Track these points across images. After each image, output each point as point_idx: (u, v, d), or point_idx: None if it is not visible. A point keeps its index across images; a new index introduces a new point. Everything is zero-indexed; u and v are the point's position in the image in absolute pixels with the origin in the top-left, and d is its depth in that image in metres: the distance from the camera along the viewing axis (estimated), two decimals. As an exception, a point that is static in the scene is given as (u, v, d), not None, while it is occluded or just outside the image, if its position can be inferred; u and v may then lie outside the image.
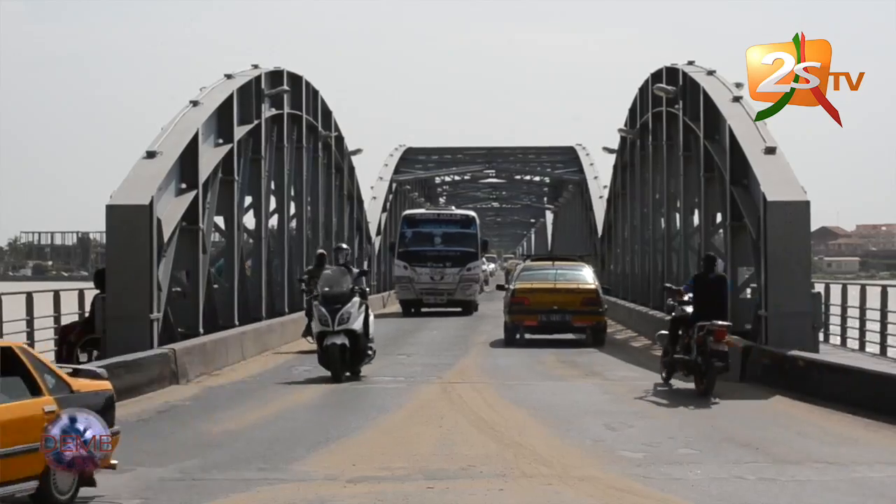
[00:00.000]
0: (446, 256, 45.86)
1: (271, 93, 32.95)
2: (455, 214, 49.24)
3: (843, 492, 12.94)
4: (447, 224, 47.63)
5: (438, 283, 45.74)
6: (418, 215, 49.60)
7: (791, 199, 23.00)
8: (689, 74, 31.77)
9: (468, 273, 46.12)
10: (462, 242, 46.79)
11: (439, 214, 49.70)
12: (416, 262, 45.80)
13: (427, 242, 46.83)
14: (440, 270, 45.67)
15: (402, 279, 46.51)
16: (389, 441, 15.79)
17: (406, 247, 46.79)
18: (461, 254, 46.23)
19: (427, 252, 46.21)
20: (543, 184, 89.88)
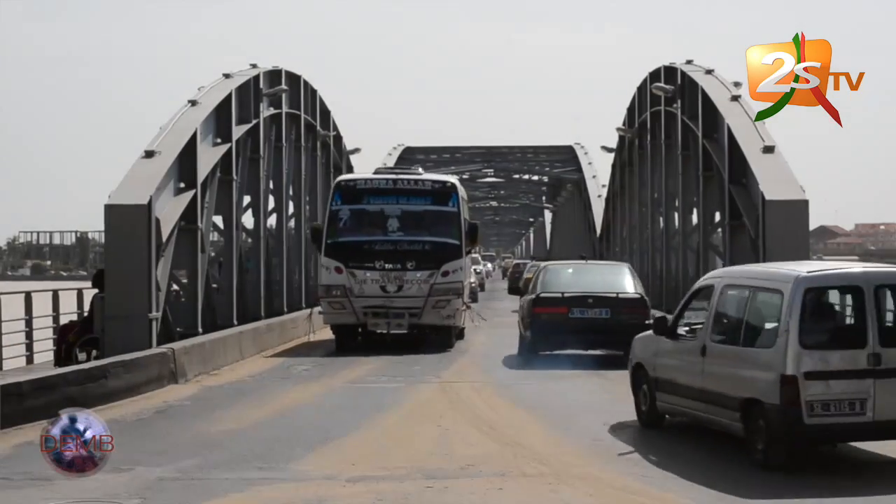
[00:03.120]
0: (408, 252, 27.37)
1: (270, 92, 32.95)
2: (423, 181, 28.65)
3: (843, 491, 12.94)
4: (410, 197, 28.19)
5: (394, 297, 27.20)
6: (361, 182, 28.70)
7: (790, 197, 23.02)
8: (688, 73, 31.79)
9: (445, 280, 27.20)
10: (434, 227, 27.79)
11: (396, 181, 28.39)
12: (357, 262, 27.40)
13: (375, 228, 27.94)
14: (398, 275, 27.18)
15: (333, 290, 27.42)
16: (388, 441, 15.78)
17: (338, 235, 27.73)
18: (433, 247, 27.45)
19: (375, 245, 27.59)
20: (542, 183, 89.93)
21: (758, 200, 23.55)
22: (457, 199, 28.18)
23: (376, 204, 28.11)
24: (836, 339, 13.97)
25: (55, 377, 18.05)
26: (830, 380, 13.63)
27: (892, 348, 13.74)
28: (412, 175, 28.87)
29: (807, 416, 13.52)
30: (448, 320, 27.63)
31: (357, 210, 28.18)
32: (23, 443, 15.21)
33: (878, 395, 13.79)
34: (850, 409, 13.73)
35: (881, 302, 14.12)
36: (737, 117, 26.64)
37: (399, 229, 27.83)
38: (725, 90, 28.59)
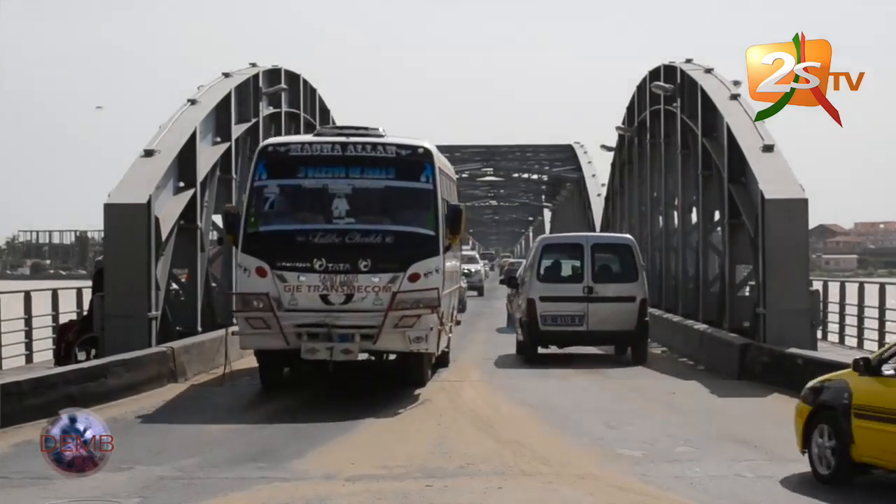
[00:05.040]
0: (361, 247, 18.97)
1: (269, 91, 32.93)
2: (385, 146, 19.77)
3: (844, 490, 12.94)
4: (365, 168, 19.53)
5: (340, 312, 18.85)
6: (295, 147, 19.91)
7: (789, 196, 23.01)
8: (687, 72, 31.76)
9: (414, 287, 18.89)
10: (400, 211, 19.50)
11: (346, 146, 19.64)
12: (288, 261, 19.00)
13: (315, 212, 19.56)
14: (347, 280, 18.82)
15: (254, 301, 18.98)
16: (388, 440, 15.79)
17: (261, 223, 19.52)
18: (397, 239, 19.20)
19: (314, 236, 19.20)
20: (541, 182, 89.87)
21: (757, 199, 23.54)
22: (432, 172, 19.03)
23: (317, 178, 18.99)
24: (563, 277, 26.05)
25: (55, 376, 18.07)
26: (559, 302, 25.49)
27: (601, 283, 25.54)
28: (369, 137, 19.34)
29: (542, 325, 25.64)
30: (417, 344, 18.49)
31: (289, 187, 19.23)
32: (22, 442, 15.22)
33: (591, 313, 25.47)
34: (572, 322, 25.51)
35: (594, 254, 26.03)
36: (736, 116, 26.62)
37: (349, 214, 18.69)
38: (725, 89, 28.57)
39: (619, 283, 25.99)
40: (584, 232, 37.78)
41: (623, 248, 26.77)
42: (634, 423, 17.10)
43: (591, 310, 25.77)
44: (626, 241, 27.82)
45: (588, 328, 25.82)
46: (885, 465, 13.30)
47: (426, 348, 19.07)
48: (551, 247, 27.51)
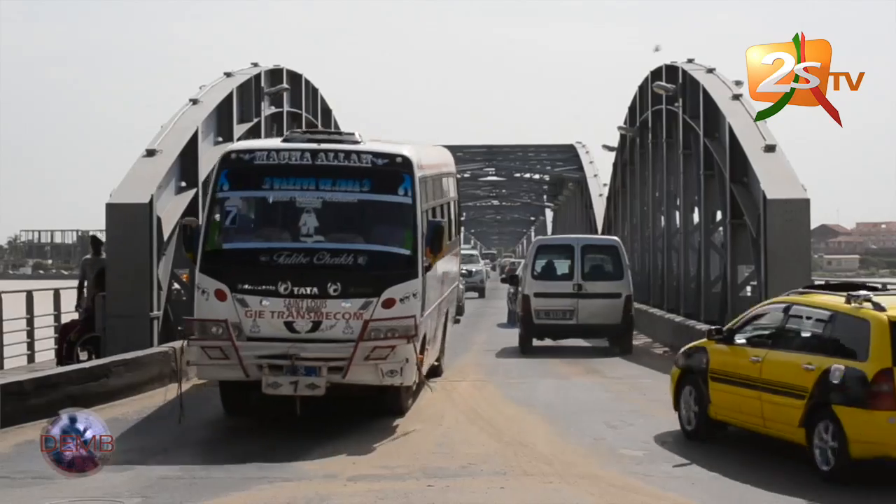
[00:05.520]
0: (331, 269, 16.68)
1: (271, 91, 32.93)
2: (360, 154, 17.26)
3: (843, 489, 12.96)
4: (337, 179, 17.22)
5: (306, 341, 16.42)
6: (260, 155, 17.37)
7: (791, 196, 23.01)
8: (689, 72, 31.76)
9: (389, 314, 16.54)
10: (374, 229, 17.27)
11: (316, 154, 17.23)
12: (250, 283, 16.69)
13: (280, 229, 17.38)
14: (314, 305, 16.50)
15: (212, 328, 16.62)
16: (389, 439, 15.79)
17: (222, 240, 17.27)
18: (370, 260, 16.87)
19: (279, 256, 16.88)
20: (543, 182, 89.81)
21: (759, 199, 23.54)
22: (411, 184, 16.97)
23: (284, 190, 17.01)
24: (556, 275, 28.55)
25: (57, 376, 18.07)
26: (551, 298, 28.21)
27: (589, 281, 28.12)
28: (343, 144, 17.21)
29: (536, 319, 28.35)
30: (391, 378, 16.25)
31: (253, 200, 17.27)
32: (24, 441, 15.22)
33: (580, 308, 28.11)
34: (563, 316, 28.16)
35: (584, 255, 28.63)
36: (738, 116, 26.63)
37: (318, 231, 16.79)
38: (727, 89, 28.56)
39: (606, 280, 28.39)
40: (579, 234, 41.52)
41: (610, 249, 29.17)
42: (636, 423, 17.11)
43: (580, 305, 28.26)
44: (613, 242, 30.10)
45: (578, 322, 28.31)
46: (734, 423, 15.69)
47: (401, 382, 16.42)
48: (545, 248, 30.23)
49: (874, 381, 13.25)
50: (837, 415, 13.54)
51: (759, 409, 14.89)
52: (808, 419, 13.99)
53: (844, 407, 13.48)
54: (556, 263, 29.10)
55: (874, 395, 13.24)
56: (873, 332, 13.58)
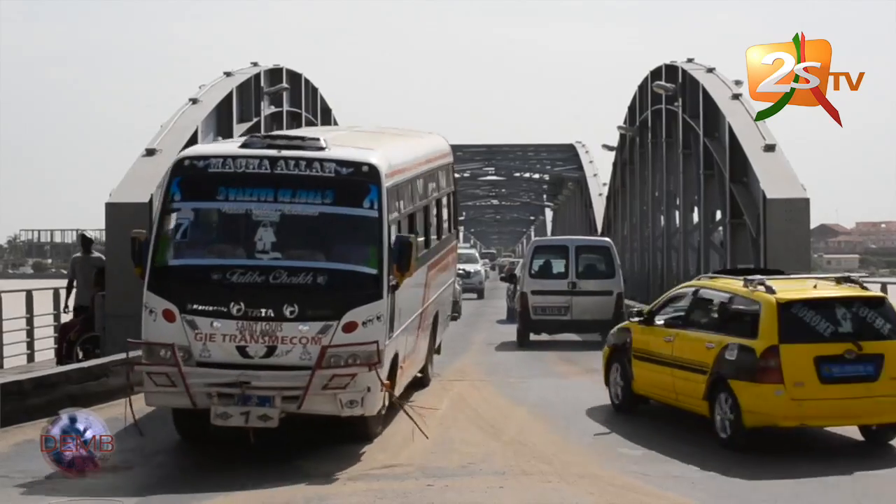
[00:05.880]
0: (287, 289, 14.92)
1: (270, 90, 32.95)
2: (322, 162, 15.44)
3: (842, 489, 12.97)
4: (297, 190, 15.44)
5: (259, 368, 14.68)
6: (215, 161, 15.55)
7: (790, 196, 23.03)
8: (689, 72, 31.78)
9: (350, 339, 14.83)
10: (336, 245, 15.46)
11: (276, 161, 15.42)
12: (200, 303, 14.95)
13: (234, 244, 15.55)
14: (269, 329, 14.76)
15: (160, 352, 14.92)
16: (388, 439, 15.78)
17: (171, 255, 15.53)
18: (331, 280, 15.06)
19: (232, 274, 15.07)
20: (543, 181, 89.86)
21: (759, 199, 23.56)
22: (378, 195, 15.33)
23: (239, 201, 15.37)
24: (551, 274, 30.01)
25: (56, 375, 18.06)
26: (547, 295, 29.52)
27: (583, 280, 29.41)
28: (306, 151, 15.52)
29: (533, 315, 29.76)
30: (351, 409, 14.80)
31: (206, 211, 15.72)
32: (23, 441, 15.21)
33: (574, 305, 29.25)
34: (558, 312, 29.46)
35: (578, 255, 29.85)
36: (738, 116, 26.64)
37: (275, 247, 15.16)
38: (726, 89, 28.58)
39: (598, 279, 29.80)
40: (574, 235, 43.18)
41: (603, 250, 30.61)
42: (635, 422, 17.11)
43: (574, 302, 29.72)
44: (605, 243, 31.62)
45: (572, 318, 29.78)
46: (654, 397, 17.64)
47: (362, 412, 14.87)
48: (541, 248, 32.15)
49: (762, 358, 14.88)
50: (733, 388, 15.17)
51: (671, 385, 16.69)
52: (710, 393, 15.62)
53: (738, 381, 15.12)
54: (552, 263, 30.73)
55: (763, 370, 14.86)
56: (763, 313, 15.17)
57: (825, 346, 15.07)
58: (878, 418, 15.40)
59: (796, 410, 14.89)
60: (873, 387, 15.07)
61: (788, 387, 14.81)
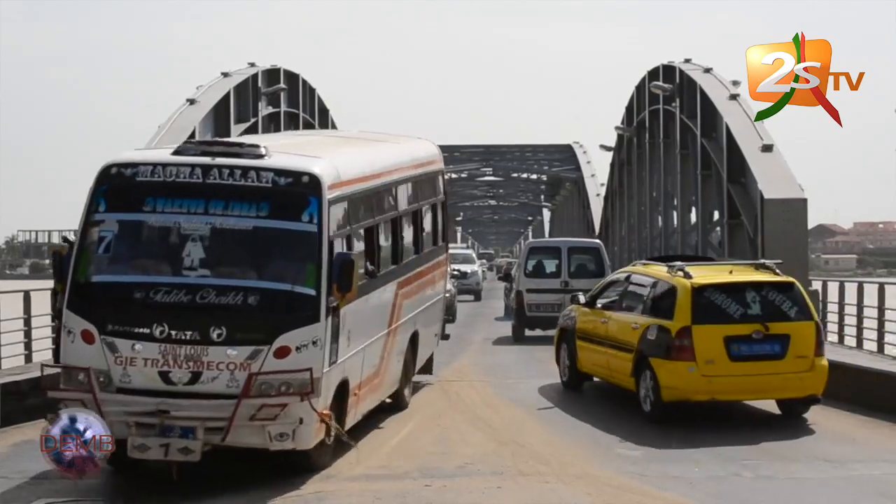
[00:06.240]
0: (215, 310, 13.55)
1: (268, 91, 32.97)
2: (258, 171, 14.05)
3: (841, 489, 12.97)
4: (230, 202, 14.04)
5: (181, 397, 13.29)
6: (144, 170, 14.10)
7: (788, 196, 23.06)
8: (686, 72, 31.80)
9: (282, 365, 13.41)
10: (270, 263, 13.93)
11: (209, 169, 14.02)
12: (121, 324, 13.53)
13: (160, 260, 14.10)
14: (194, 353, 13.37)
15: (77, 375, 13.42)
16: (387, 439, 15.78)
17: (92, 271, 14.00)
18: (262, 301, 13.69)
19: (156, 293, 13.70)
20: (540, 182, 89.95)
21: (756, 199, 23.58)
22: (318, 208, 13.97)
23: (168, 213, 14.04)
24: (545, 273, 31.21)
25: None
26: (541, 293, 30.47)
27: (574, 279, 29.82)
28: (242, 159, 14.16)
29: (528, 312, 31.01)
30: (281, 442, 13.38)
31: (132, 224, 14.19)
32: (21, 441, 15.22)
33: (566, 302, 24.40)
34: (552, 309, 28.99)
35: (570, 256, 31.05)
36: (735, 116, 26.67)
37: (204, 264, 13.85)
38: (724, 89, 28.61)
39: (589, 278, 30.45)
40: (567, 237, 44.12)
41: (593, 251, 31.84)
42: (633, 423, 17.09)
43: (566, 299, 30.33)
44: (596, 244, 32.98)
45: None
46: (594, 374, 19.58)
47: (293, 446, 13.37)
48: (536, 249, 34.00)
49: (677, 337, 16.47)
50: (653, 366, 16.83)
51: (607, 363, 18.57)
52: (635, 370, 17.34)
53: (657, 359, 16.74)
54: (545, 263, 32.23)
55: (677, 348, 16.43)
56: (679, 296, 16.76)
57: (734, 326, 16.56)
58: (785, 393, 17.02)
59: (707, 386, 16.40)
60: (780, 364, 16.64)
61: (700, 364, 16.35)
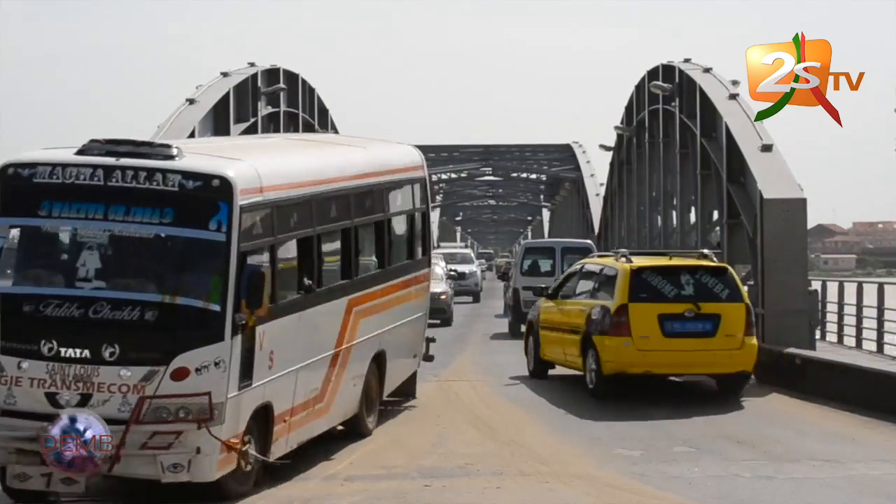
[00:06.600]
0: (108, 325, 12.34)
1: (268, 91, 32.96)
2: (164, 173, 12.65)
3: (841, 489, 12.97)
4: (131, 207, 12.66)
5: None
6: (42, 171, 12.86)
7: (787, 196, 23.02)
8: (686, 72, 31.78)
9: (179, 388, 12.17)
10: (171, 274, 12.70)
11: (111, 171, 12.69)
12: (7, 338, 12.37)
13: (53, 270, 12.92)
14: (84, 373, 12.17)
15: None
16: (386, 440, 15.78)
17: None
18: (160, 316, 12.37)
19: (46, 306, 12.49)
20: (540, 181, 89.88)
21: (756, 199, 23.55)
22: (228, 215, 12.57)
23: (64, 218, 12.84)
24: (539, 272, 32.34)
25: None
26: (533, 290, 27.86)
27: None
28: (149, 160, 12.79)
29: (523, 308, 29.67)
30: (175, 474, 12.19)
31: (27, 229, 12.99)
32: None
33: None
34: None
35: (563, 256, 32.28)
36: (735, 116, 26.62)
37: (100, 275, 12.61)
38: (724, 89, 28.57)
39: None
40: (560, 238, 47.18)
41: (585, 251, 32.36)
42: (632, 423, 17.10)
43: None
44: (587, 245, 34.75)
45: None
46: (555, 361, 21.06)
47: (188, 478, 12.20)
48: (531, 250, 36.13)
49: (615, 314, 18.36)
50: (595, 343, 18.69)
51: (562, 348, 20.24)
52: (582, 349, 19.15)
53: (598, 336, 18.63)
54: (539, 262, 33.92)
55: (615, 325, 18.30)
56: (619, 278, 18.70)
57: (668, 305, 18.34)
58: (716, 369, 18.82)
59: (642, 359, 18.25)
60: (710, 342, 18.37)
61: (636, 339, 18.23)
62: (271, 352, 12.99)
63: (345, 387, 15.35)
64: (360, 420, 16.10)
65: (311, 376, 14.26)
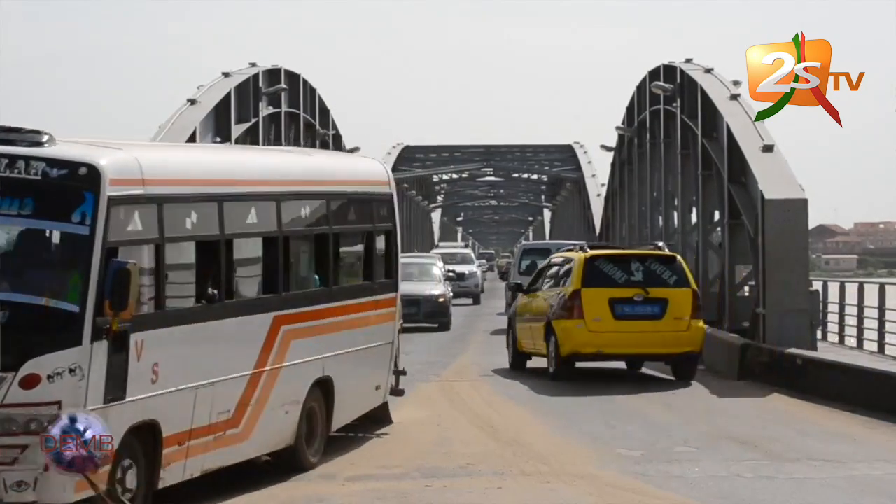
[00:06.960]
0: None
1: (269, 91, 32.97)
2: (28, 160, 11.26)
3: (841, 489, 12.96)
4: None
5: None
6: None
7: (789, 196, 23.02)
8: (687, 72, 31.77)
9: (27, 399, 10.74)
10: (26, 269, 11.37)
11: None
12: None
13: None
14: None
15: None
16: (387, 439, 15.79)
17: None
18: (10, 316, 10.82)
19: None
20: (541, 182, 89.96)
21: (757, 199, 23.55)
22: (93, 207, 11.25)
23: None
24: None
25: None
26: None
27: None
28: (14, 147, 11.47)
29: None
30: (19, 493, 10.82)
31: None
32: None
33: None
34: None
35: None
36: (736, 116, 26.62)
37: None
38: (725, 89, 28.57)
39: None
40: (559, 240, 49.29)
41: None
42: (634, 423, 17.10)
43: None
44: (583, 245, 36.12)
45: None
46: (529, 352, 22.43)
47: (34, 499, 10.77)
48: (529, 250, 38.84)
49: (570, 299, 20.30)
50: (554, 327, 20.45)
51: (532, 337, 21.78)
52: (545, 336, 20.81)
53: (557, 320, 20.47)
54: (538, 263, 34.62)
55: (569, 308, 20.22)
56: (574, 266, 20.64)
57: (619, 290, 20.19)
58: (664, 349, 20.46)
59: (594, 340, 20.01)
60: (658, 324, 20.17)
61: (588, 321, 20.02)
62: (155, 364, 11.57)
63: (272, 413, 13.47)
64: (297, 451, 14.02)
65: (219, 397, 12.56)
